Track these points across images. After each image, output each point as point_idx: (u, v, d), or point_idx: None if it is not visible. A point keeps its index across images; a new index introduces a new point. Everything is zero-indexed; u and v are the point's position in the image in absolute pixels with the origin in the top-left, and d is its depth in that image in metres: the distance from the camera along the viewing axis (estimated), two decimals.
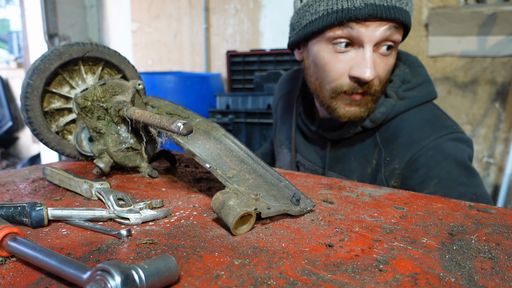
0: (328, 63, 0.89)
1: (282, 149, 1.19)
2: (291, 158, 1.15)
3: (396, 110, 0.93)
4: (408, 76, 0.97)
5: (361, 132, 0.97)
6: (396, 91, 0.94)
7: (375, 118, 0.93)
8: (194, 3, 3.43)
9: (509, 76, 2.19)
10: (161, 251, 0.46)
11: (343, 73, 0.88)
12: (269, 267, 0.42)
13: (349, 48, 0.87)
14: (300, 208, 0.58)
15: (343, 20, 0.83)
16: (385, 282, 0.40)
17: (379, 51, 0.86)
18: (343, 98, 0.90)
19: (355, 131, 0.96)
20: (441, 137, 0.88)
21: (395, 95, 0.94)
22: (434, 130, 0.90)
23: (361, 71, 0.84)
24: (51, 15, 3.61)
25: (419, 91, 0.95)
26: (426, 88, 0.96)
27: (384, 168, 0.93)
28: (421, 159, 0.88)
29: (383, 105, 0.93)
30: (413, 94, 0.94)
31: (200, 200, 0.65)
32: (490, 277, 0.41)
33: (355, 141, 0.99)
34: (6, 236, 0.44)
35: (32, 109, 0.81)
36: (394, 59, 0.90)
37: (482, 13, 2.12)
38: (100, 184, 0.65)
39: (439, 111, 0.96)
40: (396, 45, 0.88)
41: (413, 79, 0.96)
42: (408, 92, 0.94)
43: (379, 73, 0.88)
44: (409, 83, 0.95)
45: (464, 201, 0.65)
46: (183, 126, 0.57)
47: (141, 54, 3.86)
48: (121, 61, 0.89)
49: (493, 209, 0.62)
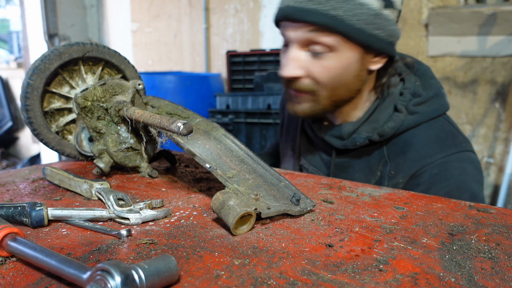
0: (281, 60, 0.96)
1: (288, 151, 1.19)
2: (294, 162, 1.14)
3: (405, 125, 0.92)
4: (419, 89, 0.95)
5: (368, 144, 0.96)
6: (407, 105, 0.93)
7: (383, 132, 0.92)
8: (194, 3, 3.43)
9: (509, 76, 2.19)
10: (161, 251, 0.46)
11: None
12: (269, 267, 0.42)
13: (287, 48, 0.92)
14: (300, 208, 0.58)
15: (276, 19, 0.91)
16: (385, 282, 0.40)
17: (309, 51, 0.87)
18: (287, 94, 0.96)
19: (362, 144, 0.94)
20: (448, 156, 0.88)
21: (405, 110, 0.92)
22: (442, 148, 0.89)
23: (282, 68, 0.90)
24: (51, 15, 3.61)
25: (430, 105, 0.93)
26: (437, 102, 0.94)
27: (388, 181, 0.92)
28: (424, 175, 0.87)
29: (392, 119, 0.92)
30: (424, 109, 0.92)
31: (200, 200, 0.65)
32: (490, 277, 0.41)
33: (361, 153, 0.97)
34: (6, 236, 0.44)
35: (32, 109, 0.81)
36: (338, 63, 0.86)
37: (482, 13, 2.12)
38: (100, 184, 0.65)
39: (450, 126, 0.94)
40: (332, 49, 0.85)
41: (424, 93, 0.94)
42: (418, 107, 0.92)
43: (314, 74, 0.87)
44: (419, 97, 0.93)
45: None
46: (183, 126, 0.57)
47: (141, 54, 3.86)
48: (121, 61, 0.89)
49: (493, 209, 0.62)
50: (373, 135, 0.93)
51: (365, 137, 0.94)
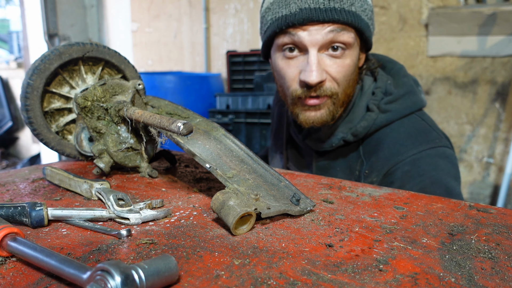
0: (282, 69, 0.91)
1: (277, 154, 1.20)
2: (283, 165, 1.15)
3: (377, 124, 0.92)
4: (390, 88, 0.95)
5: (344, 145, 0.96)
6: (378, 104, 0.93)
7: (356, 132, 0.92)
8: (194, 3, 3.43)
9: (509, 76, 2.19)
10: (161, 251, 0.46)
11: (294, 78, 0.89)
12: (269, 267, 0.42)
13: (297, 54, 0.88)
14: (300, 208, 0.58)
15: (282, 27, 0.85)
16: (385, 282, 0.40)
17: (328, 52, 0.86)
18: (300, 104, 0.91)
19: (337, 145, 0.95)
20: (420, 153, 0.87)
21: (377, 109, 0.92)
22: (414, 144, 0.89)
23: (307, 75, 0.85)
24: (51, 15, 3.61)
25: (402, 103, 0.93)
26: (409, 99, 0.94)
27: (364, 180, 0.93)
28: (397, 173, 0.87)
29: (364, 119, 0.92)
30: (396, 107, 0.92)
31: (200, 200, 0.65)
32: (490, 277, 0.41)
33: (338, 154, 0.98)
34: (6, 236, 0.44)
35: (32, 109, 0.81)
36: (351, 60, 0.88)
37: (482, 13, 2.12)
38: (100, 184, 0.65)
39: (423, 122, 0.94)
40: (349, 46, 0.86)
41: (396, 91, 0.94)
42: (390, 105, 0.92)
43: (333, 75, 0.87)
44: (391, 95, 0.94)
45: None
46: (183, 126, 0.57)
47: (141, 54, 3.86)
48: (121, 61, 0.89)
49: (493, 209, 0.62)
50: (347, 136, 0.93)
51: (340, 138, 0.94)
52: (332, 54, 0.86)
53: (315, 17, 0.82)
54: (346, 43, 0.85)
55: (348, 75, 0.89)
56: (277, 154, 1.19)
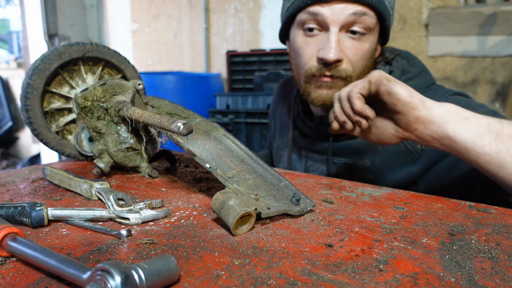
0: (300, 47, 0.92)
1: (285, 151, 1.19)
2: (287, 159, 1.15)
3: None
4: (406, 67, 0.99)
5: None
6: None
7: None
8: (194, 3, 3.43)
9: (509, 76, 2.19)
10: (161, 251, 0.46)
11: (312, 56, 0.90)
12: (269, 267, 0.42)
13: (317, 32, 0.89)
14: (300, 208, 0.58)
15: (308, 3, 0.86)
16: (385, 282, 0.40)
17: (349, 34, 0.88)
18: (314, 81, 0.92)
19: None
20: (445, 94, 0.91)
21: None
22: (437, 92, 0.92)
23: (325, 52, 0.86)
24: (51, 15, 3.61)
25: (419, 79, 0.97)
26: (424, 77, 0.98)
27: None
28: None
29: None
30: (414, 83, 0.95)
31: (200, 200, 0.65)
32: (490, 277, 0.41)
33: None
34: (6, 236, 0.44)
35: (32, 109, 0.81)
36: (370, 45, 0.90)
37: (482, 13, 2.12)
38: (100, 184, 0.65)
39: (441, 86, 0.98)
40: (370, 31, 0.88)
41: (412, 69, 0.98)
42: (408, 82, 0.95)
43: (350, 56, 0.88)
44: (409, 73, 0.97)
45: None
46: (183, 126, 0.57)
47: (141, 54, 3.86)
48: (121, 61, 0.89)
49: (493, 209, 0.62)
50: None
51: None
52: (352, 36, 0.87)
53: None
54: (367, 26, 0.87)
55: (364, 60, 0.90)
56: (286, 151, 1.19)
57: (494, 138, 0.63)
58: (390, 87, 0.66)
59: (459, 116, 0.65)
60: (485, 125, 0.64)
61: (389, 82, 0.67)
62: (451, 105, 0.67)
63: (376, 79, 0.69)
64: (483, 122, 0.64)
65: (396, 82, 0.68)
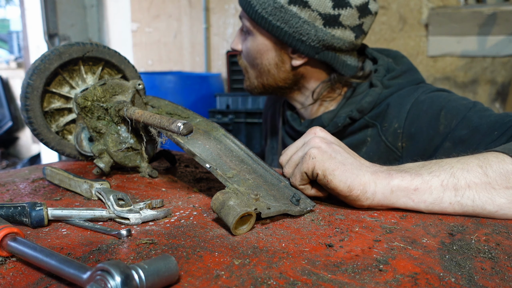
0: None
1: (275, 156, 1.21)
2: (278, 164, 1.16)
3: (381, 98, 0.94)
4: (392, 65, 0.99)
5: (349, 123, 0.97)
6: (381, 80, 0.95)
7: (362, 107, 0.93)
8: (194, 3, 3.43)
9: (509, 76, 2.19)
10: (161, 251, 0.46)
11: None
12: (269, 267, 0.42)
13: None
14: (300, 208, 0.58)
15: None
16: (385, 282, 0.40)
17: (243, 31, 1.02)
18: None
19: (343, 124, 0.96)
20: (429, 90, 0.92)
21: (380, 84, 0.95)
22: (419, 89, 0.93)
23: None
24: (51, 15, 3.61)
25: (404, 78, 0.96)
26: (411, 75, 0.97)
27: (385, 135, 0.93)
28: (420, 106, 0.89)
29: (369, 94, 0.94)
30: (399, 82, 0.95)
31: (200, 200, 0.65)
32: (490, 277, 0.41)
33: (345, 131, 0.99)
34: (6, 236, 0.44)
35: (32, 109, 0.81)
36: (252, 45, 0.99)
37: (482, 13, 2.12)
38: (100, 184, 0.65)
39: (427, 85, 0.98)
40: (249, 32, 0.99)
41: (398, 68, 0.98)
42: (393, 81, 0.95)
43: (242, 51, 1.04)
44: (394, 71, 0.97)
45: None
46: (183, 126, 0.57)
47: (141, 54, 3.86)
48: (121, 61, 0.89)
49: None
50: (352, 113, 0.95)
51: (345, 116, 0.95)
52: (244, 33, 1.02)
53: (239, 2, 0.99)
54: (246, 27, 0.99)
55: (252, 59, 1.01)
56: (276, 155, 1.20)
57: (454, 195, 0.57)
58: (327, 183, 0.59)
59: (407, 191, 0.58)
60: (438, 186, 0.57)
61: (325, 177, 0.59)
62: (397, 181, 0.58)
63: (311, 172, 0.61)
64: (436, 183, 0.57)
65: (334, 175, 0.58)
